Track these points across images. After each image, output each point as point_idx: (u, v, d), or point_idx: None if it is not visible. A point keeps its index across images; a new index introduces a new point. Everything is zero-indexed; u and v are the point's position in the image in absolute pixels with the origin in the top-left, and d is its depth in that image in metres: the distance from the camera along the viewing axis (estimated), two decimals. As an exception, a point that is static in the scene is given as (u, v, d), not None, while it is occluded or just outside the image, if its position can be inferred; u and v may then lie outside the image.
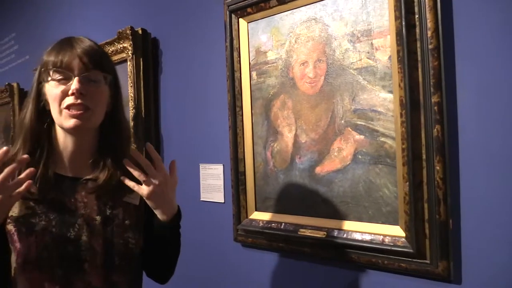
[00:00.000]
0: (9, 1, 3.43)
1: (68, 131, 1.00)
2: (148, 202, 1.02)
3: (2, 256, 0.98)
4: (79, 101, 0.95)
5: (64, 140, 1.03)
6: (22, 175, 0.89)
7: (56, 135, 1.03)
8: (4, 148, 0.88)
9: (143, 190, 0.99)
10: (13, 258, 0.97)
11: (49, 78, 0.98)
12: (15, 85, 3.08)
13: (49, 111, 1.01)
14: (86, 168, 1.04)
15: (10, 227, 0.97)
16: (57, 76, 0.97)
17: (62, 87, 0.96)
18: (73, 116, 0.96)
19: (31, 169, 0.90)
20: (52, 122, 1.02)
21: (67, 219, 0.99)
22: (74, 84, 0.95)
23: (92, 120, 1.00)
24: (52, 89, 0.97)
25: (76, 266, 0.97)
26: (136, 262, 1.08)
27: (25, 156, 0.91)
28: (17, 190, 0.88)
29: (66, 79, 0.97)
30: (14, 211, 0.97)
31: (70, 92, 0.95)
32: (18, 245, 0.95)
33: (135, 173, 0.99)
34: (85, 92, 0.96)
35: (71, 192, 1.02)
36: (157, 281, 1.18)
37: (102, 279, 0.99)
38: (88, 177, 1.04)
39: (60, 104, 0.97)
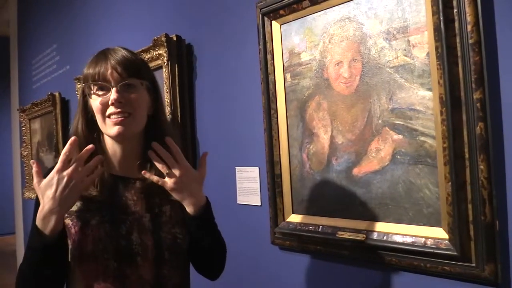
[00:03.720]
0: (50, 14, 3.57)
1: (114, 138, 1.06)
2: (172, 194, 1.05)
3: (61, 248, 1.01)
4: (119, 109, 1.00)
5: (112, 147, 1.09)
6: (91, 162, 0.98)
7: (105, 142, 1.10)
8: (73, 137, 0.97)
9: (166, 182, 1.03)
10: (70, 250, 1.02)
11: (91, 92, 1.03)
12: (57, 94, 3.20)
13: (96, 121, 1.06)
14: (135, 168, 1.09)
15: (68, 221, 1.03)
16: (97, 89, 1.03)
17: (102, 99, 1.01)
18: (115, 123, 1.01)
19: (99, 156, 1.00)
20: (100, 131, 1.08)
21: (119, 216, 1.05)
22: (113, 94, 1.00)
23: (133, 125, 1.04)
24: (94, 102, 1.03)
25: (129, 259, 1.02)
26: (185, 257, 1.12)
27: (91, 146, 0.98)
28: (89, 176, 0.98)
29: (105, 91, 1.02)
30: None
31: (110, 102, 1.00)
32: (75, 237, 1.01)
33: (158, 165, 1.03)
34: (124, 100, 1.01)
35: (122, 191, 1.08)
36: (207, 277, 1.19)
37: (153, 272, 1.04)
38: (137, 177, 1.08)
39: (103, 115, 1.02)
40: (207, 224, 1.11)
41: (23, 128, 3.87)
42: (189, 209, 1.06)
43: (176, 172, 1.02)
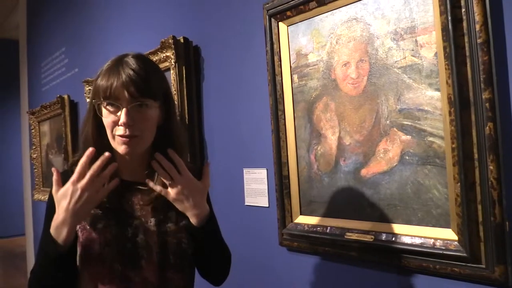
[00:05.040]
0: (59, 17, 3.60)
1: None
2: (175, 204, 1.05)
3: (73, 254, 1.02)
4: (127, 132, 0.99)
5: (120, 156, 1.07)
6: (106, 171, 0.97)
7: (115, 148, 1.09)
8: (91, 148, 0.98)
9: (168, 193, 1.04)
10: (78, 252, 1.03)
11: (102, 106, 1.02)
12: (66, 97, 3.22)
13: None
14: (143, 174, 1.09)
15: None
16: (107, 105, 1.01)
17: (113, 116, 1.00)
18: (123, 143, 1.00)
19: (114, 164, 0.99)
20: None
21: (125, 220, 1.06)
22: (122, 118, 0.98)
23: (141, 145, 1.04)
24: (104, 118, 1.02)
25: (134, 262, 1.03)
26: (190, 261, 1.12)
27: (107, 153, 0.98)
28: (104, 187, 0.98)
29: (115, 108, 1.00)
30: None
31: (119, 123, 0.99)
32: (82, 241, 1.03)
33: (161, 176, 1.03)
34: (133, 122, 0.99)
35: (129, 195, 1.09)
36: (210, 282, 1.20)
37: (157, 275, 1.05)
38: (144, 187, 1.08)
39: (112, 131, 1.02)
40: (210, 235, 1.10)
41: (33, 131, 3.90)
42: (192, 220, 1.06)
43: (178, 183, 1.03)
